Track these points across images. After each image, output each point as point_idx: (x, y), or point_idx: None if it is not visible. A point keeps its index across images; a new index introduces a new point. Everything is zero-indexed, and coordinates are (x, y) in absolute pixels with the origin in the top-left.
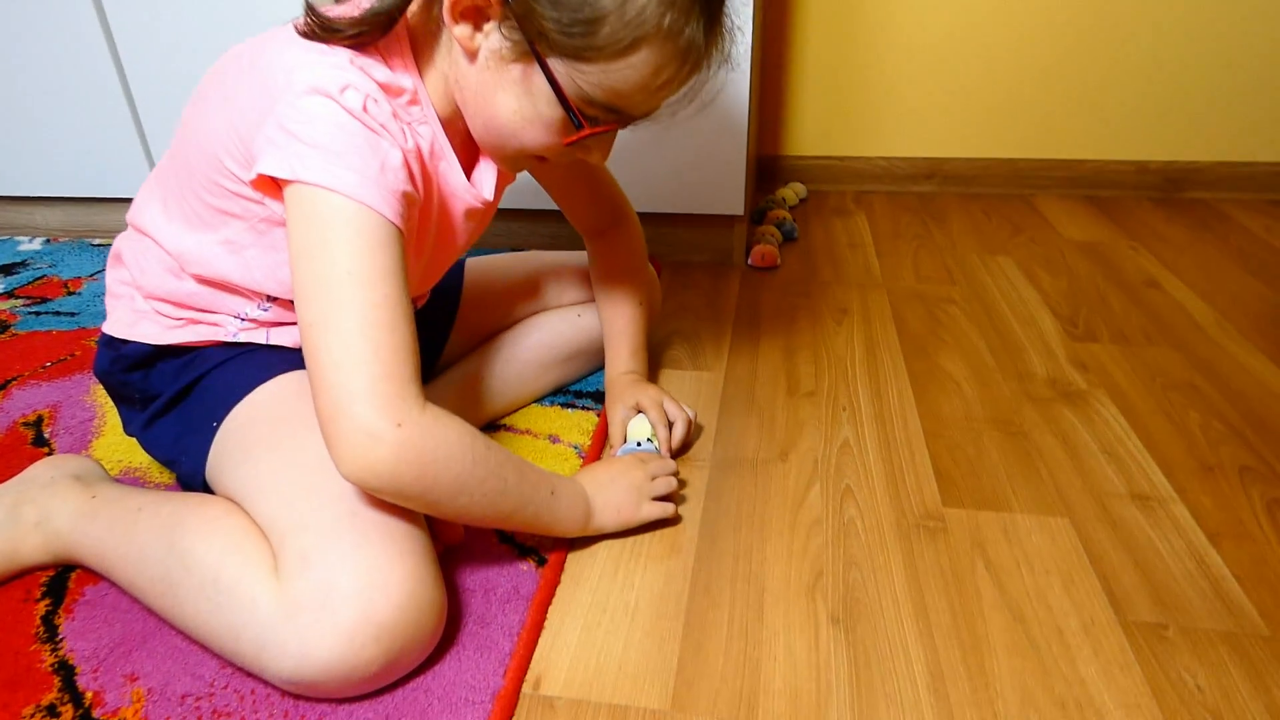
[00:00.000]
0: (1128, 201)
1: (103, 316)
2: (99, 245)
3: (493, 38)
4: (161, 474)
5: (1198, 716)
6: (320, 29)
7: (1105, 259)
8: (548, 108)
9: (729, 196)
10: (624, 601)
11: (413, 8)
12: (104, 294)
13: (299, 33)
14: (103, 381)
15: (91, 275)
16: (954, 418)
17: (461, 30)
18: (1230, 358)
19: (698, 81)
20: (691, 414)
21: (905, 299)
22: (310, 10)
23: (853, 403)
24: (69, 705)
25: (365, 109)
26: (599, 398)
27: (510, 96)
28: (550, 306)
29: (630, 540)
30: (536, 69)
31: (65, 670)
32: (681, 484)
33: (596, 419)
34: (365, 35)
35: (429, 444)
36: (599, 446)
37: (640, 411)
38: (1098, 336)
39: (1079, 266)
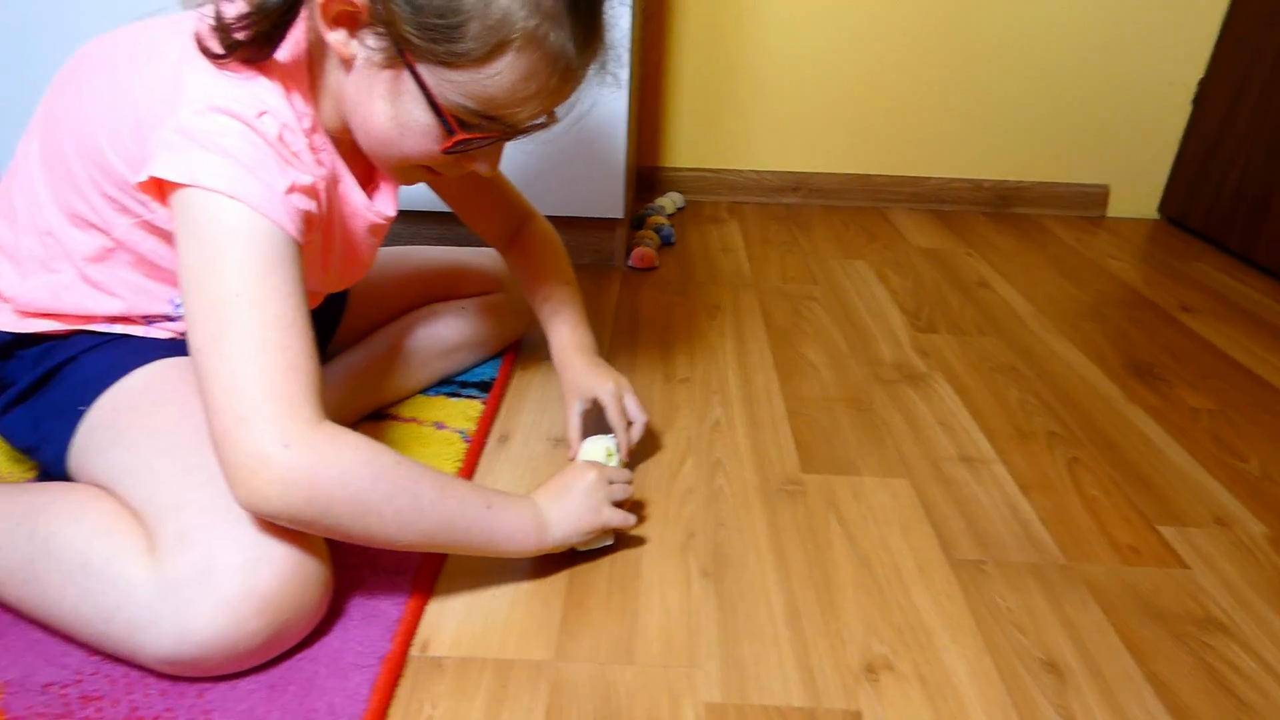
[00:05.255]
0: (966, 215)
1: None
2: None
3: (366, 44)
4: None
5: (1006, 629)
6: (220, 32)
7: (946, 263)
8: (421, 114)
9: (609, 201)
10: (509, 570)
11: (310, 25)
12: None
13: (200, 47)
14: None
15: None
16: (813, 398)
17: (336, 36)
18: (1044, 345)
19: (576, 92)
20: (646, 416)
21: (772, 297)
22: (215, 15)
23: (724, 388)
24: None
25: (281, 139)
26: (485, 386)
27: (384, 103)
28: (438, 300)
29: None
30: (407, 75)
31: None
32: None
33: (482, 406)
34: (261, 41)
35: (320, 463)
36: (484, 432)
37: (596, 405)
38: (937, 328)
39: (923, 269)
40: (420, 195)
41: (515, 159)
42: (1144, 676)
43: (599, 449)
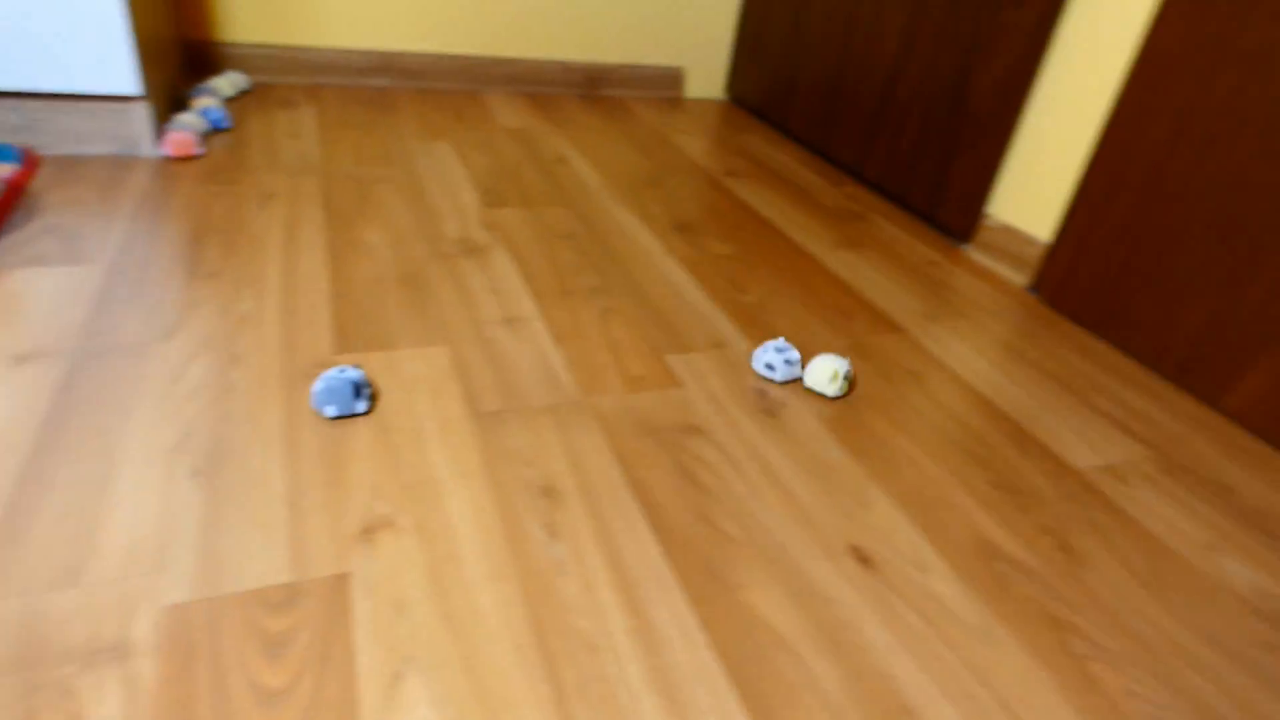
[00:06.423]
0: (559, 97)
1: None
2: None
3: None
4: None
5: (513, 467)
6: None
7: (530, 142)
8: None
9: (115, 73)
10: None
11: None
12: None
13: None
14: None
15: None
16: (364, 280)
17: None
18: (604, 211)
19: None
20: None
21: (339, 181)
22: None
23: (261, 279)
24: None
25: None
26: None
27: None
28: None
29: None
30: None
31: None
32: None
33: None
34: None
35: None
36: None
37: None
38: (508, 202)
39: (506, 148)
40: None
41: None
42: (627, 482)
43: (825, 370)
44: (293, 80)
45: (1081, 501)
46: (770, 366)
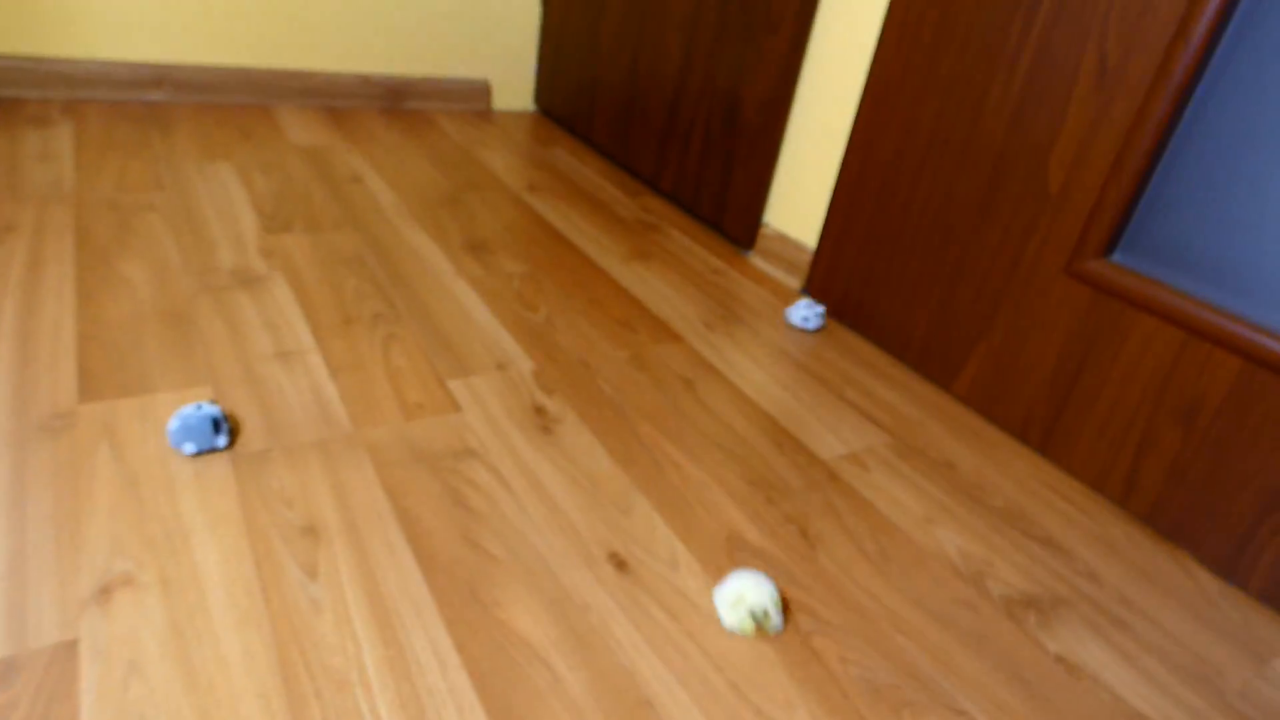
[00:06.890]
0: (359, 111)
1: None
2: None
3: None
4: None
5: (273, 508)
6: None
7: (323, 160)
8: None
9: None
10: None
11: None
12: None
13: None
14: None
15: None
16: (119, 319)
17: None
18: (396, 232)
19: None
20: None
21: (97, 210)
22: None
23: None
24: None
25: None
26: None
27: None
28: None
29: None
30: None
31: None
32: None
33: None
34: None
35: None
36: None
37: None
38: (291, 228)
39: (296, 168)
40: None
41: None
42: (394, 513)
43: (730, 592)
44: (48, 95)
45: (824, 489)
46: (805, 319)
